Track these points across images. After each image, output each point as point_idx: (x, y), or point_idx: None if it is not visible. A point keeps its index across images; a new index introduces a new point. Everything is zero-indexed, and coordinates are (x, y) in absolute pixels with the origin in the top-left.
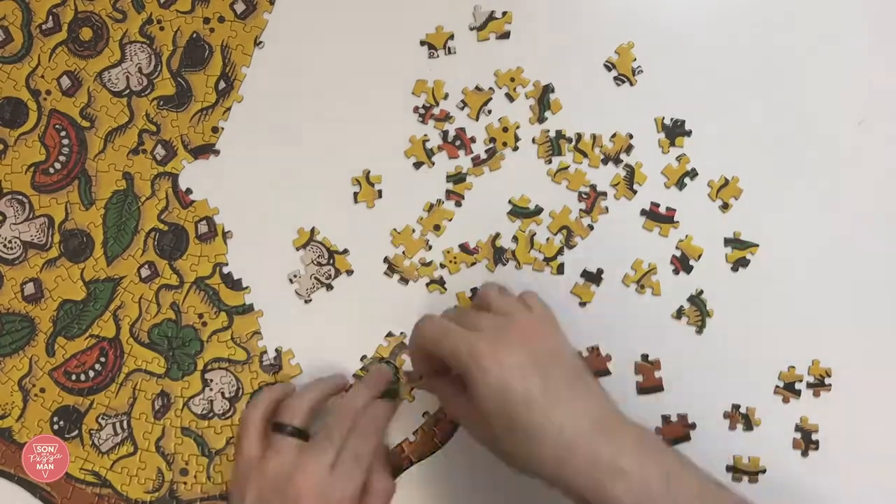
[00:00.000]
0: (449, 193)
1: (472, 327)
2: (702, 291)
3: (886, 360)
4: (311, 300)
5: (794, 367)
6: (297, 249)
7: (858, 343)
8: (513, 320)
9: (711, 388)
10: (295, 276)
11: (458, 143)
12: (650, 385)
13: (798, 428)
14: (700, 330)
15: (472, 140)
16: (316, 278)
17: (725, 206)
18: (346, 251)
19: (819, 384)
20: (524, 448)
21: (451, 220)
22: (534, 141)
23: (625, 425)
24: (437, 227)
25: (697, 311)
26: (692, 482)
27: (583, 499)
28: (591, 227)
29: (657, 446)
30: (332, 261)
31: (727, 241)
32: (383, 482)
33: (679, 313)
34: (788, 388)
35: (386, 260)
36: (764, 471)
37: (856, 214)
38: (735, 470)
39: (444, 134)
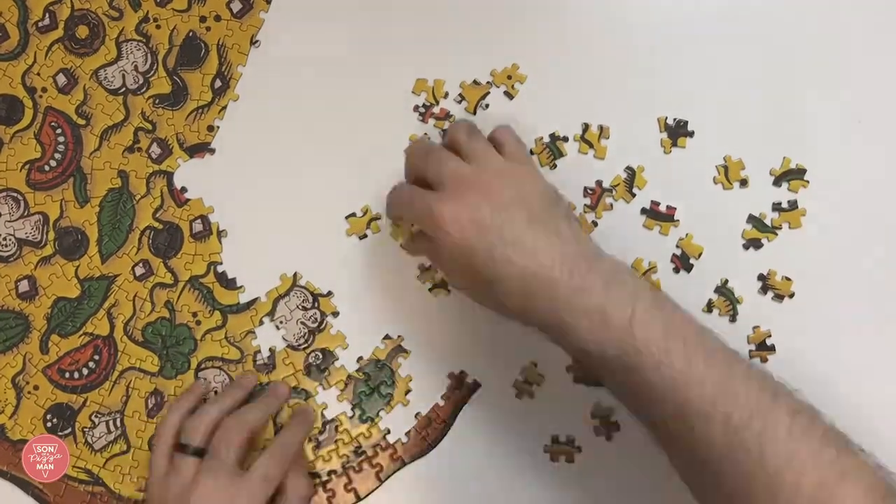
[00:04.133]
0: None
1: (435, 179)
2: (727, 281)
3: None
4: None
5: None
6: (281, 296)
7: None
8: (477, 169)
9: None
10: (281, 322)
11: None
12: None
13: None
14: (733, 318)
15: None
16: (302, 323)
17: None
18: (329, 293)
19: None
20: (493, 296)
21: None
22: (531, 152)
23: (594, 262)
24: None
25: (727, 300)
26: (658, 320)
27: (551, 330)
28: (594, 224)
29: (627, 281)
30: (316, 304)
31: (750, 218)
32: (298, 487)
33: (709, 307)
34: None
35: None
36: None
37: (856, 214)
38: None
39: None
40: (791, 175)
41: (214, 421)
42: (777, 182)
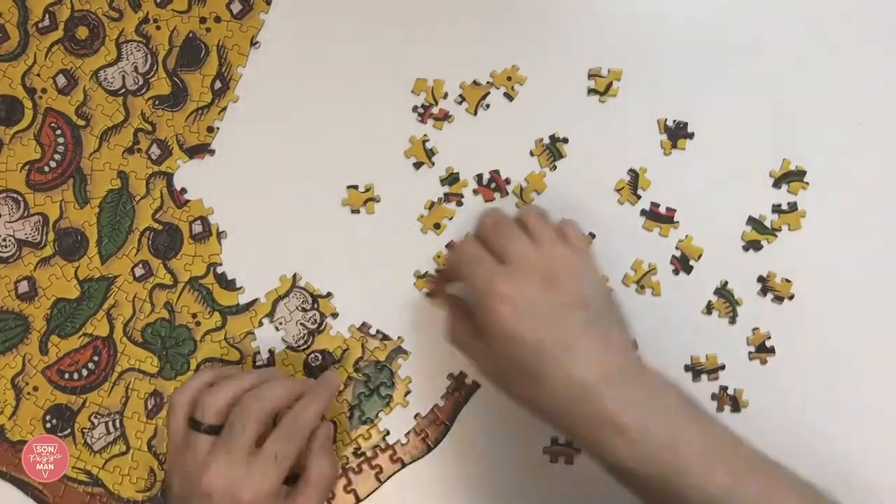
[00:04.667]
0: (448, 196)
1: (500, 250)
2: (727, 282)
3: None
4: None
5: None
6: (281, 298)
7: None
8: (542, 256)
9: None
10: (281, 323)
11: (492, 185)
12: None
13: None
14: (733, 320)
15: (507, 181)
16: (301, 324)
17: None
18: (329, 294)
19: None
20: (531, 393)
21: (451, 218)
22: (531, 154)
23: (639, 378)
24: (437, 226)
25: (726, 302)
26: (697, 435)
27: (582, 441)
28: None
29: (670, 401)
30: (316, 305)
31: (750, 220)
32: (321, 468)
33: (709, 308)
34: None
35: None
36: None
37: (856, 216)
38: None
39: (479, 178)
40: (791, 177)
41: (231, 399)
42: (777, 184)
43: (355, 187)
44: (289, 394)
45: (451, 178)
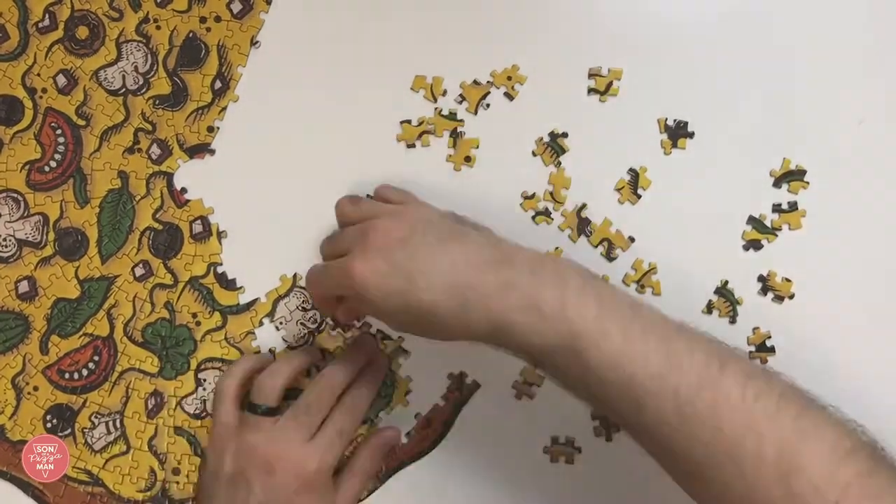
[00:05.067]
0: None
1: (341, 249)
2: (727, 282)
3: None
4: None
5: None
6: (281, 297)
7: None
8: (368, 225)
9: None
10: (281, 323)
11: None
12: None
13: None
14: (733, 320)
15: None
16: (302, 324)
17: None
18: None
19: None
20: (435, 326)
21: (477, 147)
22: (533, 154)
23: (515, 257)
24: (468, 159)
25: (726, 302)
26: (590, 299)
27: (494, 336)
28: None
29: (552, 267)
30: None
31: (750, 219)
32: (367, 462)
33: (709, 308)
34: None
35: None
36: None
37: (856, 215)
38: None
39: None
40: (791, 176)
41: (287, 381)
42: (777, 183)
43: (409, 122)
44: (351, 376)
45: (455, 133)
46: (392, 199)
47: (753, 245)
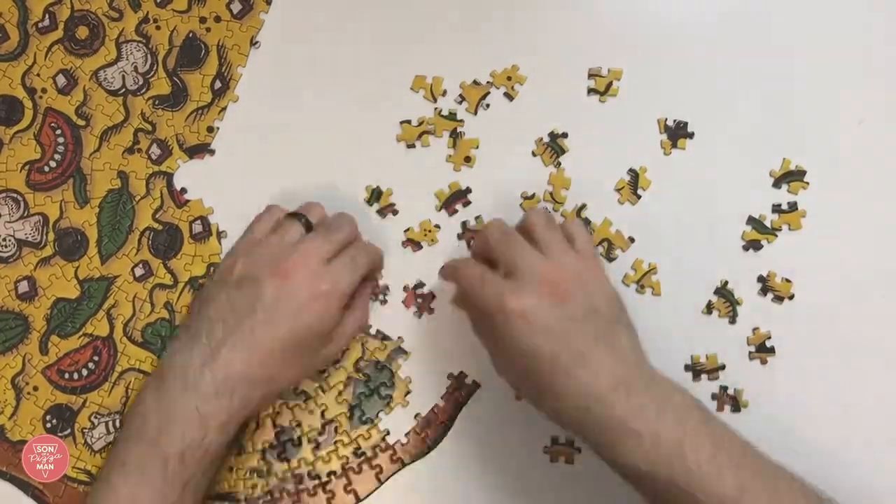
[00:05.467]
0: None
1: (509, 266)
2: (727, 282)
3: None
4: None
5: None
6: None
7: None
8: (554, 267)
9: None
10: None
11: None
12: None
13: None
14: (733, 320)
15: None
16: None
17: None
18: None
19: None
20: (547, 401)
21: (477, 147)
22: (533, 154)
23: (649, 384)
24: (467, 160)
25: (726, 302)
26: (706, 438)
27: (594, 440)
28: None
29: (678, 402)
30: None
31: (750, 219)
32: (357, 314)
33: (709, 308)
34: None
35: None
36: None
37: (856, 215)
38: None
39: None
40: (791, 177)
41: (329, 219)
42: (777, 184)
43: (408, 122)
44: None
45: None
46: (578, 243)
47: (753, 245)
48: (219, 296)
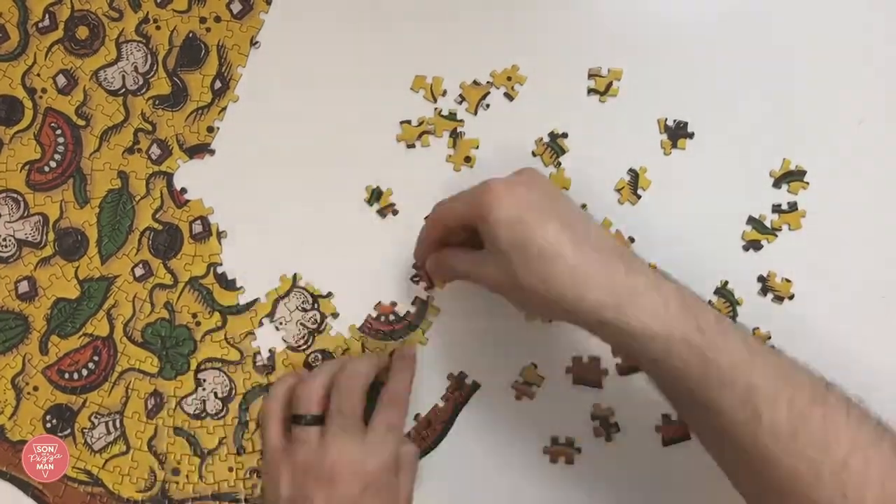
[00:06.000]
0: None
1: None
2: (727, 282)
3: None
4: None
5: None
6: (281, 298)
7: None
8: (515, 175)
9: None
10: (281, 323)
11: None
12: (630, 366)
13: None
14: (733, 320)
15: None
16: (302, 324)
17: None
18: (329, 294)
19: None
20: (540, 276)
21: (477, 148)
22: (533, 154)
23: (641, 260)
24: (467, 160)
25: (726, 302)
26: (705, 309)
27: (601, 322)
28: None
29: (668, 276)
30: (316, 306)
31: (750, 219)
32: (407, 447)
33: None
34: None
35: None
36: None
37: (856, 215)
38: None
39: None
40: (791, 177)
41: (324, 386)
42: (777, 184)
43: (409, 122)
44: (376, 367)
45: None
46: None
47: (753, 245)
48: None
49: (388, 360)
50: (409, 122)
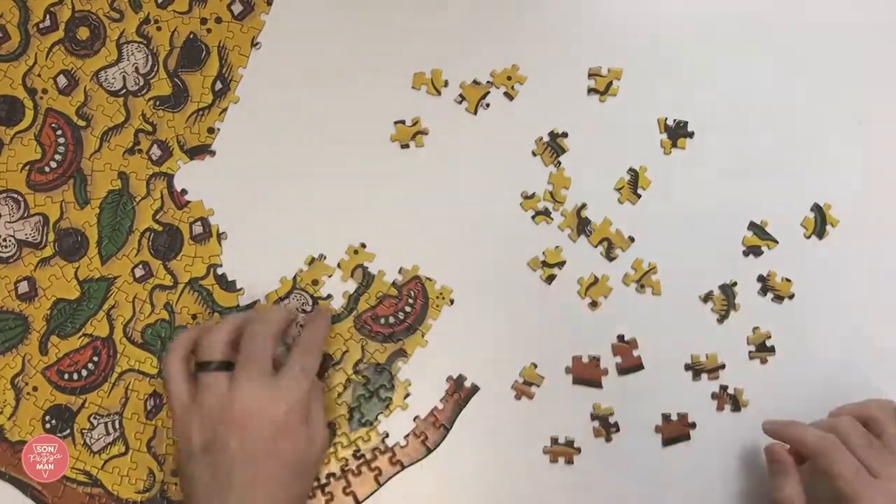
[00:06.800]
0: None
1: (865, 460)
2: (727, 282)
3: None
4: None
5: None
6: (281, 299)
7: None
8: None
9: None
10: None
11: None
12: (630, 365)
13: None
14: (721, 320)
15: None
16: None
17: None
18: (329, 296)
19: None
20: None
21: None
22: (533, 154)
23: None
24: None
25: (726, 301)
26: None
27: None
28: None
29: None
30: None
31: (751, 225)
32: (318, 384)
33: (707, 297)
34: None
35: None
36: None
37: (856, 216)
38: None
39: None
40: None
41: (230, 333)
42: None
43: (402, 122)
44: (285, 318)
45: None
46: None
47: (753, 251)
48: (197, 470)
49: (296, 312)
50: (402, 122)
